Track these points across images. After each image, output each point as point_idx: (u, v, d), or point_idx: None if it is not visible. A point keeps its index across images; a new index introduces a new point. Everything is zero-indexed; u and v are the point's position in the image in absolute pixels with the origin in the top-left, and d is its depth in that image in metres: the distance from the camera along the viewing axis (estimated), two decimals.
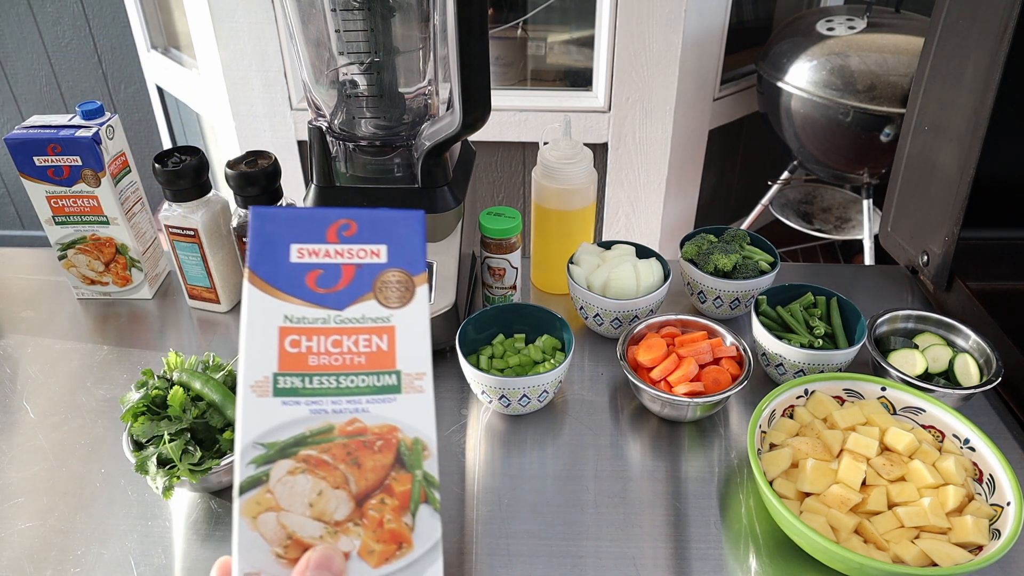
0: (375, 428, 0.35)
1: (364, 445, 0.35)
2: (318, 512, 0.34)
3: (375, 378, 0.36)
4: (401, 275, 0.38)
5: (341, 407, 0.36)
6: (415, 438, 0.36)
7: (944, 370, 0.75)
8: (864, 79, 1.67)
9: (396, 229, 0.39)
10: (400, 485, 0.35)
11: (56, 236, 0.88)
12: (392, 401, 0.36)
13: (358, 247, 0.38)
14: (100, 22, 2.21)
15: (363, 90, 0.75)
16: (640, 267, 0.82)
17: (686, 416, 0.72)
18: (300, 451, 0.35)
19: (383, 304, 0.38)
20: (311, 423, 0.35)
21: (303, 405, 0.35)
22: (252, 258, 0.37)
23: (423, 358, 0.37)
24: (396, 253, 0.39)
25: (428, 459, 0.36)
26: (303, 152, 1.89)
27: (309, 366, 0.36)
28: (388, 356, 0.37)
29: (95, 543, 0.63)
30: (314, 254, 0.38)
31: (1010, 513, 0.57)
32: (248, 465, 0.34)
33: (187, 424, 0.63)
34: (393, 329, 0.37)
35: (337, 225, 0.38)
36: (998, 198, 0.86)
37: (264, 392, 0.35)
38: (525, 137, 1.87)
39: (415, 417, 0.36)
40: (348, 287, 0.38)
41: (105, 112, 0.85)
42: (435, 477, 0.35)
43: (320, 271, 0.38)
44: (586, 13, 1.79)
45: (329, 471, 0.35)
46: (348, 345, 0.37)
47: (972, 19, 0.82)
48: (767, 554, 0.61)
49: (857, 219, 2.07)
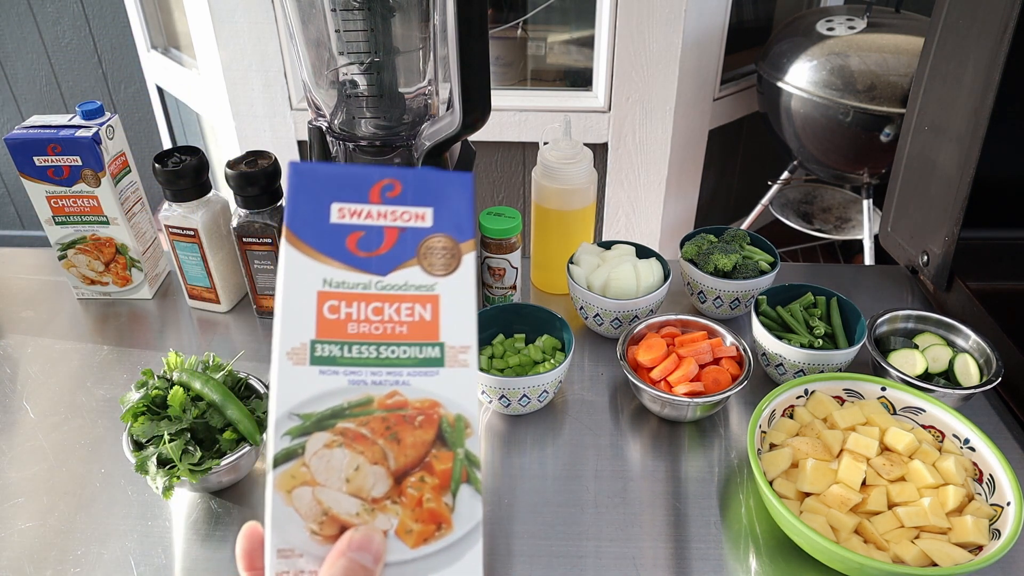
0: (416, 402, 0.34)
1: (404, 420, 0.33)
2: (355, 488, 0.33)
3: (417, 349, 0.34)
4: (447, 241, 0.36)
5: (381, 379, 0.34)
6: (457, 415, 0.34)
7: (944, 370, 0.75)
8: (864, 79, 1.67)
9: (443, 191, 0.36)
10: (441, 463, 0.33)
11: (56, 236, 0.88)
12: (435, 375, 0.34)
13: (402, 209, 0.36)
14: (100, 22, 2.21)
15: (363, 90, 0.75)
16: (640, 267, 0.82)
17: (686, 416, 0.72)
18: (337, 423, 0.33)
19: (427, 271, 0.35)
20: (349, 394, 0.33)
21: (341, 375, 0.34)
22: (290, 216, 0.35)
23: (468, 331, 0.35)
24: (442, 217, 0.36)
25: (470, 437, 0.34)
26: (303, 152, 1.89)
27: (348, 334, 0.34)
28: (431, 327, 0.35)
29: (95, 543, 0.63)
30: (356, 215, 0.36)
31: (1010, 513, 0.57)
32: (283, 437, 0.32)
33: (187, 424, 0.63)
34: (437, 299, 0.35)
35: (381, 185, 0.36)
36: (998, 198, 0.86)
37: (301, 360, 0.33)
38: (525, 137, 1.87)
39: (458, 392, 0.34)
40: (391, 251, 0.35)
41: (105, 112, 0.85)
42: (477, 456, 0.34)
43: (362, 233, 0.35)
44: (586, 13, 1.79)
45: (367, 445, 0.33)
46: (389, 313, 0.35)
47: (972, 19, 0.82)
48: (767, 554, 0.61)
49: (857, 219, 2.07)
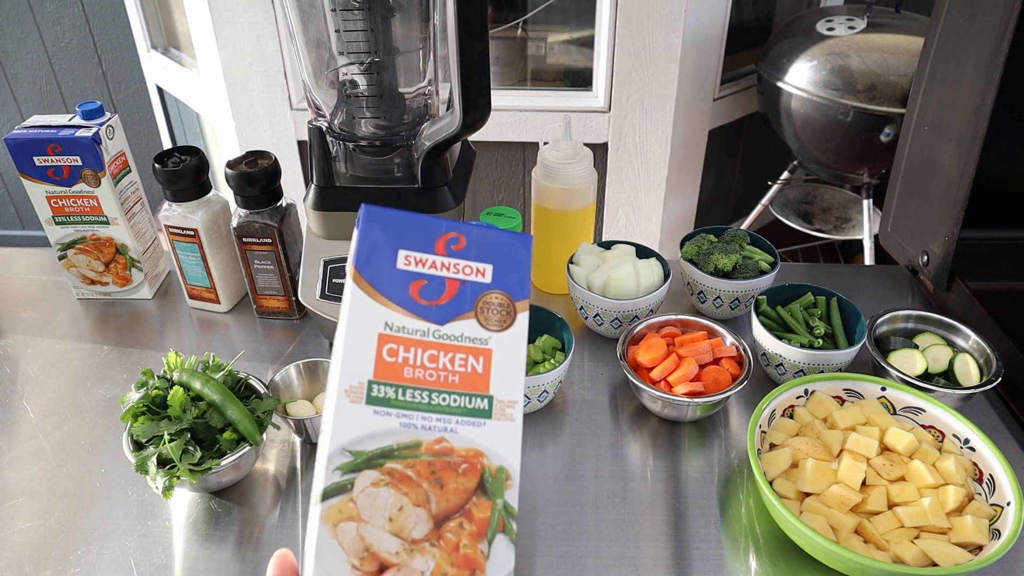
0: (462, 450, 0.35)
1: (449, 466, 0.35)
2: (397, 527, 0.34)
3: (467, 400, 0.36)
4: (504, 298, 0.38)
5: (431, 424, 0.35)
6: (500, 466, 0.35)
7: (944, 370, 0.75)
8: (864, 79, 1.67)
9: (504, 250, 0.38)
10: (480, 511, 0.35)
11: (56, 236, 0.88)
12: (481, 426, 0.35)
13: (464, 263, 0.38)
14: (100, 22, 2.21)
15: (363, 90, 0.75)
16: (640, 267, 0.82)
17: (686, 416, 0.72)
18: (386, 463, 0.34)
19: (483, 325, 0.37)
20: (400, 436, 0.34)
21: (394, 417, 0.35)
22: (359, 258, 0.36)
23: (516, 386, 0.37)
24: (501, 275, 0.38)
25: (510, 489, 0.35)
26: (303, 152, 1.89)
27: (404, 378, 0.35)
28: (482, 379, 0.36)
29: (95, 543, 0.63)
30: (421, 263, 0.37)
31: (1010, 513, 0.57)
32: (334, 471, 0.33)
33: (187, 424, 0.63)
34: (490, 352, 0.37)
35: (447, 237, 0.38)
36: (998, 198, 0.86)
37: (357, 398, 0.35)
38: (525, 137, 1.87)
39: (502, 445, 0.35)
40: (450, 302, 0.37)
41: (105, 112, 0.85)
42: (515, 508, 0.35)
43: (425, 282, 0.37)
44: (586, 13, 1.79)
45: (412, 487, 0.34)
46: (444, 362, 0.36)
47: (972, 19, 0.82)
48: (767, 554, 0.61)
49: (857, 219, 2.07)
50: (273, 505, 0.66)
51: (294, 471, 0.69)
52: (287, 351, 0.84)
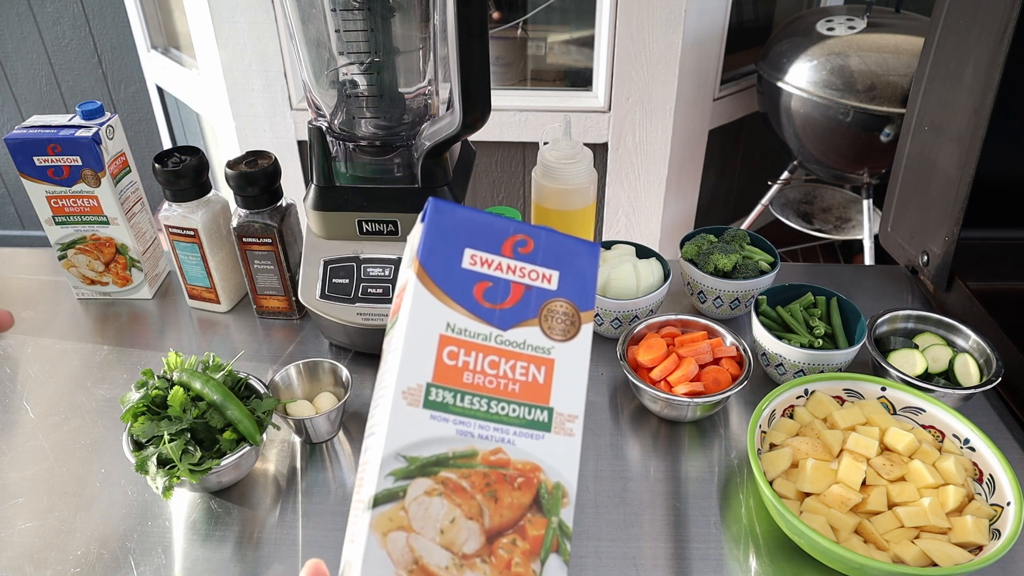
0: (518, 463, 0.33)
1: (504, 479, 0.33)
2: (448, 540, 0.32)
3: (527, 410, 0.34)
4: (569, 307, 0.36)
5: (488, 433, 0.33)
6: (557, 482, 0.34)
7: (944, 370, 0.75)
8: (864, 79, 1.67)
9: (571, 257, 0.36)
10: (534, 529, 0.33)
11: (56, 236, 0.88)
12: (540, 439, 0.34)
13: (531, 267, 0.36)
14: (100, 22, 2.21)
15: (363, 90, 0.75)
16: (640, 267, 0.82)
17: (686, 416, 0.72)
18: (440, 472, 0.32)
19: (546, 334, 0.35)
20: (456, 444, 0.33)
21: (451, 423, 0.33)
22: (424, 253, 0.35)
23: (578, 400, 0.35)
24: (568, 283, 0.36)
25: (566, 507, 0.33)
26: (303, 152, 1.89)
27: (463, 383, 0.34)
28: (543, 390, 0.35)
29: (95, 543, 0.63)
30: (487, 264, 0.35)
31: (1010, 513, 0.57)
32: (387, 477, 0.32)
33: (187, 424, 0.63)
34: (552, 363, 0.35)
35: (515, 239, 0.36)
36: (998, 198, 0.86)
37: (415, 401, 0.33)
38: (525, 137, 1.87)
39: (560, 460, 0.34)
40: (515, 307, 0.35)
41: (105, 112, 0.85)
42: (570, 527, 0.33)
43: (490, 284, 0.35)
44: (586, 13, 1.79)
45: (466, 499, 0.32)
46: (505, 369, 0.35)
47: (972, 19, 0.82)
48: (767, 554, 0.61)
49: (857, 219, 2.07)
50: (273, 505, 0.66)
51: (294, 471, 0.69)
52: (287, 351, 0.84)
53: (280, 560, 0.61)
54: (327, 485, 0.68)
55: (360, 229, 0.78)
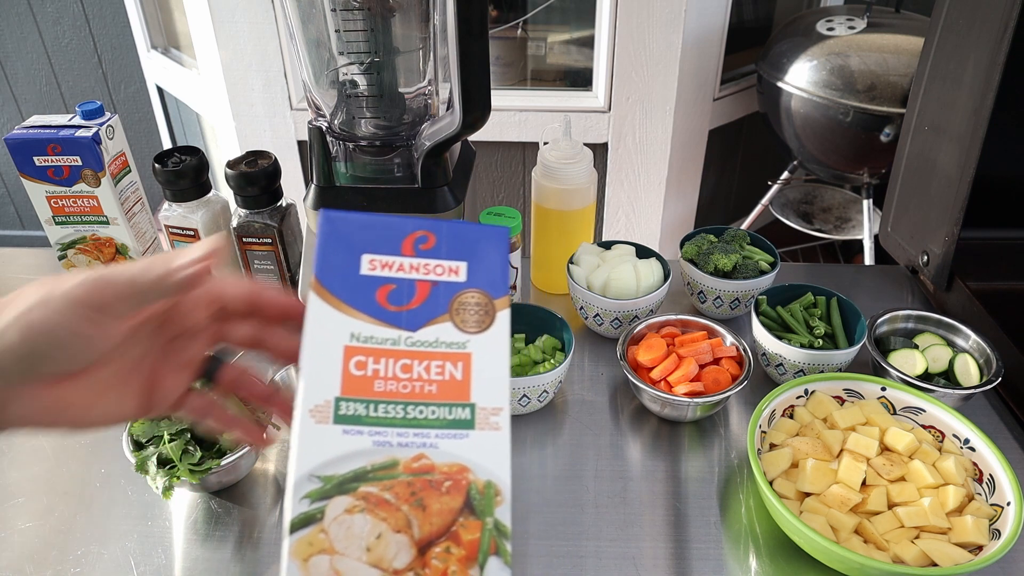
0: (444, 467, 0.32)
1: (431, 485, 0.32)
2: (376, 558, 0.30)
3: (447, 410, 0.33)
4: (481, 296, 0.35)
5: (407, 440, 0.32)
6: (487, 481, 0.33)
7: (944, 370, 0.75)
8: (864, 79, 1.67)
9: (479, 245, 0.35)
10: (468, 533, 0.32)
11: (56, 236, 0.88)
12: (464, 438, 0.33)
13: (435, 262, 0.35)
14: (100, 22, 2.21)
15: (363, 90, 0.75)
16: (640, 267, 0.82)
17: (686, 416, 0.72)
18: (360, 487, 0.31)
19: (460, 328, 0.34)
20: (373, 456, 0.32)
21: (366, 435, 0.32)
22: (319, 266, 0.34)
23: (500, 392, 0.34)
24: (477, 272, 0.35)
25: (501, 505, 0.33)
26: (303, 152, 1.89)
27: (375, 392, 0.33)
28: (462, 387, 0.33)
29: (95, 543, 0.63)
30: (387, 267, 0.34)
31: (1010, 513, 0.57)
32: (302, 500, 0.31)
33: (187, 424, 0.63)
34: (469, 357, 0.34)
35: (415, 236, 0.35)
36: (998, 198, 0.86)
37: (324, 418, 0.32)
38: (525, 137, 1.87)
39: (488, 457, 0.33)
40: (422, 306, 0.34)
41: (105, 112, 0.85)
42: (507, 526, 0.32)
43: (393, 286, 0.34)
44: (586, 13, 1.79)
45: (390, 512, 0.31)
46: (419, 371, 0.33)
47: (972, 19, 0.82)
48: (767, 554, 0.61)
49: (857, 219, 2.07)
50: (273, 505, 0.66)
51: None
52: None
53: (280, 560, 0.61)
54: None
55: None
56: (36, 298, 0.33)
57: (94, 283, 0.33)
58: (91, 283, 0.33)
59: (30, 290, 0.33)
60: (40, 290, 0.33)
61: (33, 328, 0.32)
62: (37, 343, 0.32)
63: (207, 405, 0.40)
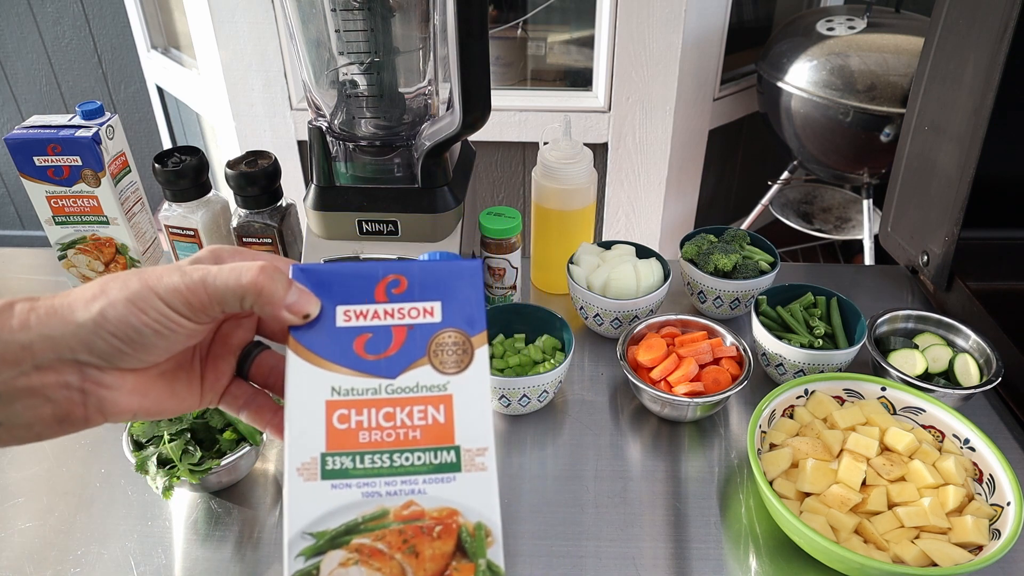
0: (433, 512, 0.32)
1: (422, 531, 0.32)
2: None
3: (432, 455, 0.33)
4: (458, 335, 0.35)
5: (395, 488, 0.32)
6: (477, 522, 0.32)
7: (944, 370, 0.75)
8: (864, 79, 1.67)
9: (451, 283, 0.35)
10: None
11: (56, 236, 0.88)
12: (452, 481, 0.33)
13: (409, 306, 0.35)
14: (100, 22, 2.21)
15: (363, 90, 0.75)
16: (640, 267, 0.82)
17: (686, 416, 0.72)
18: (352, 540, 0.31)
19: (439, 370, 0.34)
20: (364, 508, 0.32)
21: (354, 488, 0.32)
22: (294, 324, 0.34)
23: (484, 431, 0.34)
24: (451, 310, 0.35)
25: (492, 546, 0.32)
26: (303, 152, 1.89)
27: (360, 443, 0.33)
28: (446, 429, 0.33)
29: (95, 543, 0.63)
30: (362, 316, 0.35)
31: (1010, 513, 0.57)
32: (296, 558, 0.31)
33: (187, 424, 0.63)
34: (450, 398, 0.34)
35: (386, 282, 0.35)
36: (998, 198, 0.86)
37: (312, 475, 0.32)
38: (525, 137, 1.87)
39: (477, 499, 0.33)
40: (400, 351, 0.34)
41: (105, 112, 0.85)
42: (500, 567, 0.32)
43: (369, 335, 0.34)
44: (586, 13, 1.79)
45: (384, 561, 0.31)
46: (402, 418, 0.33)
47: (972, 19, 0.82)
48: (767, 554, 0.61)
49: (857, 219, 2.07)
50: (273, 505, 0.66)
51: None
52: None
53: (280, 560, 0.61)
54: None
55: (360, 229, 0.78)
56: (136, 287, 0.33)
57: (197, 284, 0.33)
58: (194, 284, 0.33)
59: (130, 278, 0.34)
60: (140, 281, 0.33)
61: (130, 318, 0.33)
62: (130, 333, 0.33)
63: (248, 395, 0.40)
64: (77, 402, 0.34)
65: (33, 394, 0.33)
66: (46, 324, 0.33)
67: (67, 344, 0.33)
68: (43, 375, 0.33)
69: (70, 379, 0.33)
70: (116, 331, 0.33)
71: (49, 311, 0.33)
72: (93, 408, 0.34)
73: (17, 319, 0.33)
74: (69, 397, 0.33)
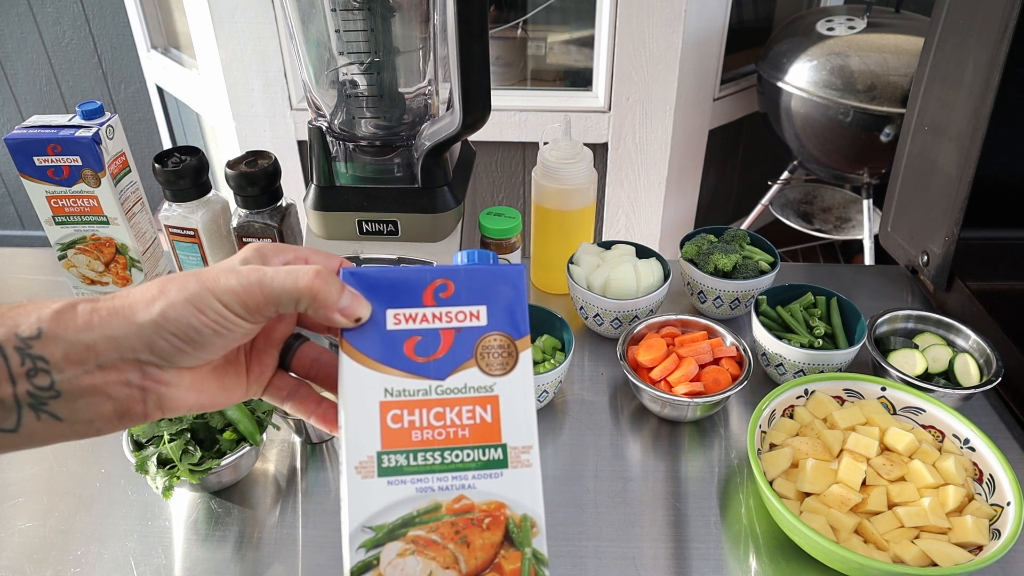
0: (483, 505, 0.35)
1: (472, 523, 0.34)
2: None
3: (480, 452, 0.35)
4: (503, 339, 0.36)
5: (447, 484, 0.35)
6: (523, 515, 0.35)
7: (944, 370, 0.75)
8: (864, 79, 1.67)
9: (495, 287, 0.37)
10: (510, 563, 0.34)
11: (56, 236, 0.88)
12: (499, 477, 0.35)
13: (456, 309, 0.36)
14: (100, 22, 2.21)
15: (363, 90, 0.75)
16: (640, 267, 0.82)
17: (686, 416, 0.72)
18: (409, 532, 0.34)
19: (485, 372, 0.36)
20: (418, 502, 0.34)
21: (409, 484, 0.34)
22: (347, 327, 0.36)
23: (529, 430, 0.36)
24: (496, 314, 0.37)
25: (537, 536, 0.35)
26: (303, 152, 1.89)
27: (413, 442, 0.35)
28: (493, 428, 0.35)
29: (95, 543, 0.63)
30: (411, 319, 0.36)
31: (1010, 513, 0.57)
32: (358, 550, 0.33)
33: (187, 424, 0.63)
34: (497, 399, 0.36)
35: (434, 286, 0.37)
36: (998, 198, 0.86)
37: (369, 473, 0.34)
38: (525, 137, 1.86)
39: (523, 493, 0.35)
40: (448, 354, 0.36)
41: (105, 112, 0.85)
42: (544, 555, 0.35)
43: (419, 338, 0.36)
44: (586, 13, 1.79)
45: (439, 551, 0.34)
46: (451, 417, 0.35)
47: (972, 19, 0.82)
48: (767, 554, 0.61)
49: (857, 219, 2.07)
50: (273, 505, 0.66)
51: (294, 471, 0.69)
52: None
53: (280, 560, 0.61)
54: (327, 485, 0.68)
55: (360, 229, 0.78)
56: (195, 289, 0.34)
57: (254, 286, 0.34)
58: (250, 286, 0.34)
59: (188, 279, 0.34)
60: (198, 282, 0.34)
61: (190, 318, 0.34)
62: (189, 332, 0.34)
63: (291, 387, 0.41)
64: (137, 399, 0.35)
65: (96, 392, 0.34)
66: (109, 325, 0.33)
67: (129, 344, 0.34)
68: (106, 374, 0.34)
69: (131, 377, 0.34)
70: (176, 331, 0.34)
71: (111, 312, 0.34)
72: (152, 404, 0.35)
73: (81, 320, 0.33)
74: (130, 394, 0.34)
